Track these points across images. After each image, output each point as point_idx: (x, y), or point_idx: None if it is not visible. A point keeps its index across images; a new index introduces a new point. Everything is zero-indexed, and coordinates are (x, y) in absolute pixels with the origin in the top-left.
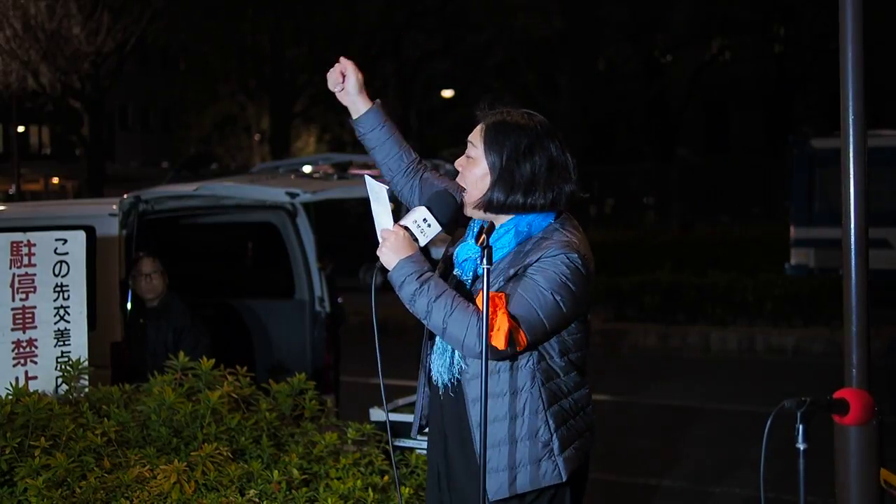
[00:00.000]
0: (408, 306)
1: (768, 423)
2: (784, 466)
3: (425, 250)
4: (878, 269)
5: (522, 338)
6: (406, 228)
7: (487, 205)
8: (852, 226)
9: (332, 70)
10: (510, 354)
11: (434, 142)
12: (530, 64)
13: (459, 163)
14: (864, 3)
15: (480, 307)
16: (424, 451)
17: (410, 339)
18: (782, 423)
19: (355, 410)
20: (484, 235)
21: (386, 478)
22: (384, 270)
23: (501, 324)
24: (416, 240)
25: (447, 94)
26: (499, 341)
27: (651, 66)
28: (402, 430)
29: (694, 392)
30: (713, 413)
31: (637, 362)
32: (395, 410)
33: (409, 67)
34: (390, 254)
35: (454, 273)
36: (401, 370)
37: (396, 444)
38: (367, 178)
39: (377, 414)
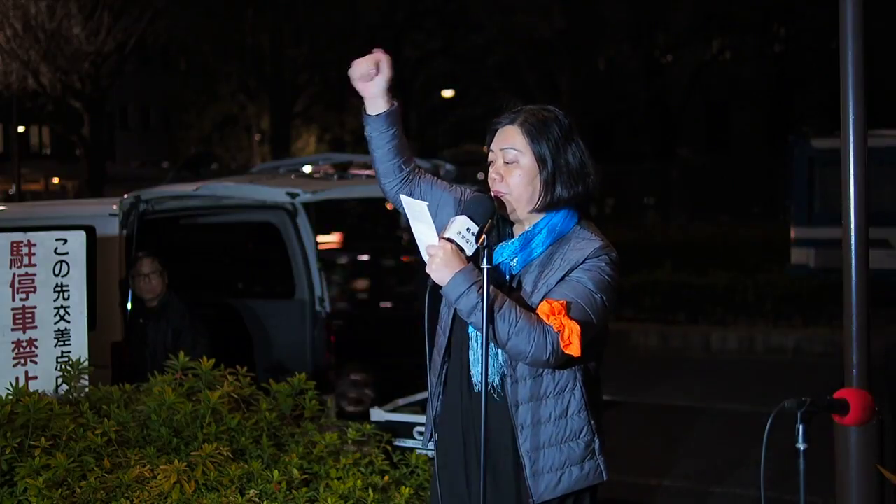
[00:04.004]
0: (465, 318)
1: (768, 423)
2: (784, 466)
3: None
4: (878, 269)
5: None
6: (451, 241)
7: (550, 204)
8: (852, 226)
9: (364, 58)
10: (565, 361)
11: (434, 142)
12: (530, 64)
13: (497, 172)
14: (864, 3)
15: (543, 318)
16: (424, 452)
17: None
18: (782, 424)
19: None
20: (485, 235)
21: (386, 478)
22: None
23: (573, 332)
24: (462, 250)
25: (447, 94)
26: (575, 349)
27: (651, 66)
28: (402, 430)
29: (694, 392)
30: (713, 413)
31: (637, 362)
32: (395, 410)
33: (409, 67)
34: (442, 269)
35: None
36: (400, 370)
37: (396, 443)
38: (404, 198)
39: (377, 414)
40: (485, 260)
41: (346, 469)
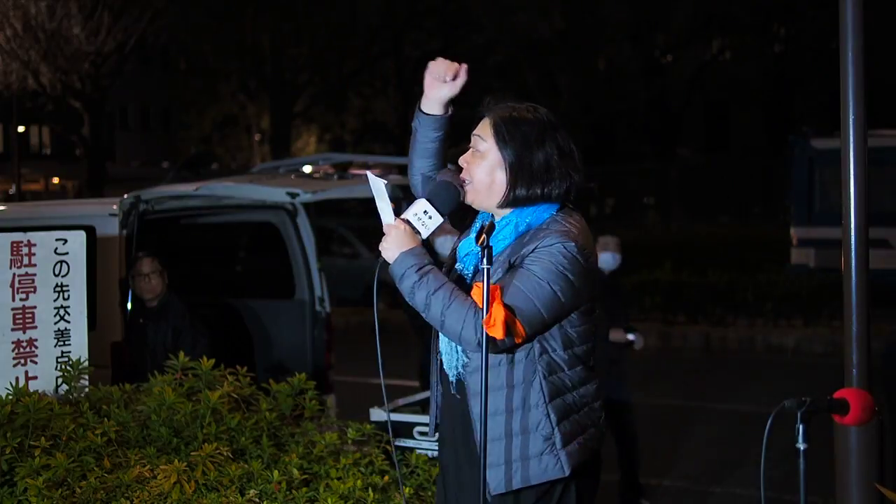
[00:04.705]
0: (407, 299)
1: (768, 423)
2: (784, 466)
3: (429, 244)
4: (878, 269)
5: (520, 329)
6: (407, 222)
7: (511, 202)
8: (852, 226)
9: (448, 62)
10: (509, 346)
11: None
12: (530, 64)
13: (465, 158)
14: (864, 3)
15: (477, 299)
16: (424, 451)
17: (410, 339)
18: (782, 424)
19: (355, 410)
20: (484, 235)
21: (386, 478)
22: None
23: (497, 315)
24: (417, 232)
25: None
26: (496, 332)
27: (651, 66)
28: (402, 430)
29: (694, 392)
30: (713, 413)
31: (637, 362)
32: (395, 410)
33: (409, 67)
34: (392, 247)
35: (456, 267)
36: (401, 370)
37: (396, 443)
38: (369, 174)
39: (377, 414)
40: (485, 260)
41: (346, 469)
